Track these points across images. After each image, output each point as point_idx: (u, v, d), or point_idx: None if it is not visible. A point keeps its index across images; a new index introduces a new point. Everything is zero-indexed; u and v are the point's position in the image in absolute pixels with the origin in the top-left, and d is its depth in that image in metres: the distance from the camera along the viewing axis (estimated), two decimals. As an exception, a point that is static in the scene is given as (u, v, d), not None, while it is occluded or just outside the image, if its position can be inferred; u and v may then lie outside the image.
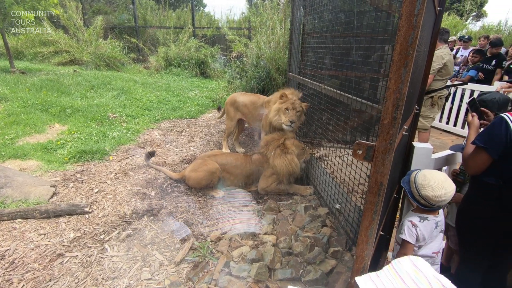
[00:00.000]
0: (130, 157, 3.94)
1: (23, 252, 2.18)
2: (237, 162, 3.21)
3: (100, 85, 6.98)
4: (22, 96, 5.39)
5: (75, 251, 2.22)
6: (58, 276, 1.99)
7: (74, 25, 10.38)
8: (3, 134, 4.14)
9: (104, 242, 2.32)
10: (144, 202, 2.88)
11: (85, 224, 2.53)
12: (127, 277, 2.00)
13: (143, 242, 2.34)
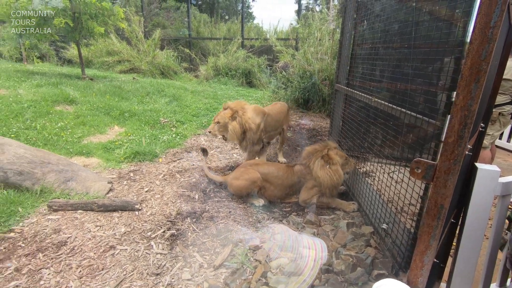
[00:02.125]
0: (178, 160, 4.16)
1: (81, 241, 2.41)
2: (279, 173, 3.20)
3: (154, 92, 7.54)
4: (90, 100, 6.03)
5: (125, 244, 2.38)
6: (109, 266, 2.15)
7: (136, 37, 11.41)
8: (72, 133, 4.66)
9: (150, 239, 2.46)
10: (188, 204, 3.01)
11: (134, 220, 2.72)
12: (169, 275, 2.09)
13: (185, 243, 2.43)
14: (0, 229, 2.46)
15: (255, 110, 3.66)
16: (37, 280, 2.01)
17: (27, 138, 4.18)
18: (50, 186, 3.06)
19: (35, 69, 8.71)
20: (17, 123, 4.53)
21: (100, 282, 2.02)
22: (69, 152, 4.07)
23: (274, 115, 3.94)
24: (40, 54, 12.02)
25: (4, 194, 2.79)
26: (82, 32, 7.29)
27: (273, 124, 3.93)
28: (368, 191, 2.76)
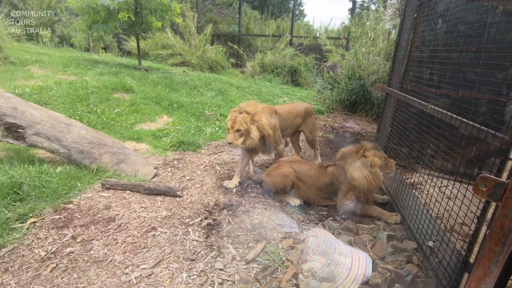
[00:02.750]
0: (219, 153, 4.29)
1: (128, 219, 2.61)
2: (311, 172, 3.12)
3: (202, 85, 7.83)
4: (144, 89, 6.47)
5: (165, 227, 2.53)
6: (150, 246, 2.30)
7: (189, 32, 11.93)
8: (126, 119, 5.05)
9: (188, 225, 2.58)
10: (225, 196, 3.09)
11: (175, 206, 2.86)
12: (203, 262, 2.17)
13: (220, 234, 2.50)
14: (62, 200, 2.76)
15: (268, 111, 3.35)
16: (88, 250, 2.22)
17: (89, 121, 4.63)
18: (104, 166, 3.36)
19: (99, 59, 9.58)
20: (81, 107, 5.03)
21: (141, 259, 2.17)
22: (123, 137, 4.42)
23: (283, 115, 3.59)
24: (104, 45, 13.18)
25: (67, 169, 3.12)
26: (142, 26, 7.82)
27: (281, 124, 3.57)
28: (414, 204, 2.57)
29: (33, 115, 3.17)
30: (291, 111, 3.74)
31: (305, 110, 3.90)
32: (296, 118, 3.79)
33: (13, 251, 2.15)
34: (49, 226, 2.43)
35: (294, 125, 3.82)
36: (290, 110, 3.72)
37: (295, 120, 3.79)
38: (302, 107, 3.90)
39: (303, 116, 3.89)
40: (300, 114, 3.84)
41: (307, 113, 3.93)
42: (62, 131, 3.26)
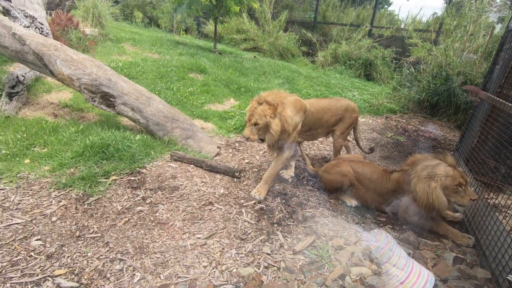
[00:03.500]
0: (279, 141, 4.31)
1: (189, 190, 2.84)
2: (373, 176, 2.89)
3: (270, 72, 7.87)
4: (216, 71, 6.80)
5: (221, 204, 2.68)
6: (206, 219, 2.48)
7: (264, 18, 11.98)
8: (197, 99, 5.40)
9: (242, 206, 2.69)
10: (280, 185, 3.12)
11: (232, 186, 3.00)
12: (252, 244, 2.25)
13: (271, 220, 2.55)
14: (137, 164, 3.13)
15: (295, 105, 2.84)
16: (154, 212, 2.49)
17: (165, 97, 5.08)
18: (174, 139, 3.67)
19: (180, 40, 10.33)
20: (161, 83, 5.54)
21: (197, 229, 2.35)
22: (192, 114, 4.75)
23: (315, 113, 3.10)
24: (185, 27, 14.13)
25: (144, 138, 3.51)
26: (221, 10, 8.13)
27: (312, 123, 3.11)
28: (496, 229, 2.22)
29: (123, 87, 3.61)
30: (328, 108, 3.22)
31: (346, 108, 3.33)
32: (332, 117, 3.28)
33: (97, 201, 2.54)
34: (126, 185, 2.79)
35: (330, 124, 3.29)
36: (326, 108, 3.20)
37: (331, 119, 3.26)
38: (342, 105, 3.34)
39: (341, 115, 3.33)
40: (338, 113, 3.30)
41: (347, 111, 3.35)
42: (143, 104, 3.65)
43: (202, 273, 1.95)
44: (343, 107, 3.32)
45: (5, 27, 3.36)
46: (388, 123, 5.85)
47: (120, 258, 1.99)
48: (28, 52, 3.33)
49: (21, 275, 1.79)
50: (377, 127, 5.52)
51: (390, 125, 5.69)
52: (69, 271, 1.86)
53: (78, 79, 3.39)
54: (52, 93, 4.35)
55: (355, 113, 3.42)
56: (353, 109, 3.41)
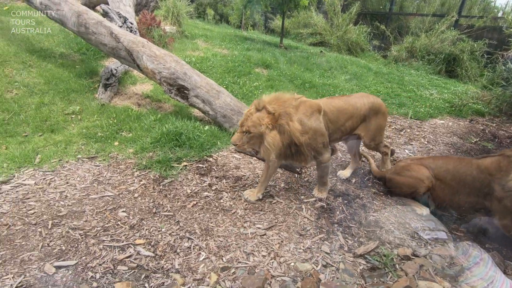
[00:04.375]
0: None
1: (251, 182, 2.94)
2: (459, 169, 2.45)
3: (337, 67, 7.57)
4: (281, 66, 6.82)
5: (281, 198, 2.72)
6: (266, 210, 2.55)
7: (333, 10, 11.52)
8: (262, 93, 5.50)
9: (302, 202, 2.68)
10: (343, 184, 3.01)
11: (293, 181, 3.02)
12: (310, 240, 2.24)
13: (332, 219, 2.49)
14: (205, 153, 3.36)
15: (305, 110, 2.41)
16: (219, 198, 2.66)
17: (232, 91, 5.30)
18: (239, 132, 3.83)
19: (247, 35, 10.61)
20: (228, 77, 5.80)
21: (257, 219, 2.43)
22: (257, 108, 4.86)
23: (330, 114, 2.57)
24: (253, 23, 14.45)
25: (212, 129, 3.74)
26: (289, 4, 8.08)
27: (328, 125, 2.59)
28: None
29: (196, 80, 3.89)
30: (344, 108, 2.66)
31: (370, 107, 2.77)
32: (352, 119, 2.72)
33: (170, 183, 2.81)
34: (195, 171, 3.03)
35: (347, 128, 2.73)
36: (342, 108, 2.66)
37: (349, 122, 2.71)
38: (365, 103, 2.75)
39: (364, 115, 2.77)
40: (359, 114, 2.73)
41: (372, 111, 2.79)
42: (213, 96, 3.88)
43: (261, 261, 2.02)
44: (366, 106, 2.75)
45: (105, 27, 3.91)
46: (473, 126, 5.14)
47: (189, 237, 2.19)
48: (121, 48, 3.83)
49: (110, 239, 2.10)
50: (458, 130, 4.90)
51: (475, 129, 4.99)
52: (147, 242, 2.11)
53: (159, 73, 3.77)
54: (136, 85, 4.92)
55: (380, 113, 2.85)
56: (379, 107, 2.84)
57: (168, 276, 1.86)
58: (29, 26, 5.41)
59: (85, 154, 3.14)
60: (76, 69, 4.76)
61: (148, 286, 1.78)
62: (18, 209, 2.31)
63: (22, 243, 2.01)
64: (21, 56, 4.61)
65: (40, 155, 3.01)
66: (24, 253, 1.93)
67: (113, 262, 1.92)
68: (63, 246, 2.01)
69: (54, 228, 2.16)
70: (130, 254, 1.99)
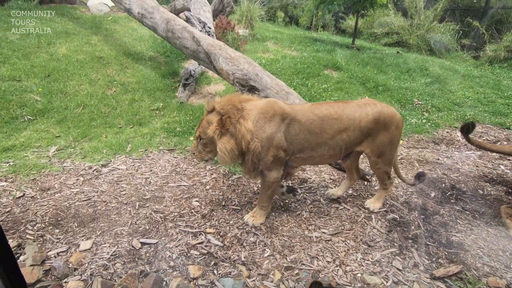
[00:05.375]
0: (420, 148, 3.78)
1: (317, 185, 2.90)
2: None
3: (416, 69, 6.92)
4: (352, 68, 6.53)
5: (348, 205, 2.62)
6: (332, 216, 2.48)
7: (415, 7, 10.54)
8: (330, 95, 5.36)
9: (371, 211, 2.53)
10: (419, 198, 2.75)
11: (362, 189, 2.87)
12: (380, 253, 2.10)
13: (405, 234, 2.30)
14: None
15: (264, 113, 2.03)
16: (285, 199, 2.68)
17: (299, 92, 5.28)
18: (306, 134, 3.80)
19: (317, 36, 10.43)
20: (296, 79, 5.79)
21: (322, 223, 2.38)
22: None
23: (306, 122, 2.09)
24: (323, 24, 14.14)
25: (279, 129, 3.79)
26: (365, 3, 7.68)
27: (303, 139, 2.12)
28: None
29: (266, 81, 3.99)
30: (334, 118, 2.12)
31: (376, 118, 2.17)
32: (346, 132, 2.16)
33: (238, 179, 2.95)
34: (261, 170, 3.11)
35: (341, 142, 2.18)
36: (330, 116, 2.12)
37: (342, 135, 2.16)
38: (368, 113, 2.17)
39: (367, 128, 2.19)
40: (358, 126, 2.17)
41: (380, 123, 2.20)
42: (282, 98, 3.92)
43: (325, 267, 1.98)
44: (370, 116, 2.16)
45: (189, 32, 4.29)
46: None
47: (254, 232, 2.26)
48: (201, 51, 4.16)
49: (185, 225, 2.31)
50: None
51: None
52: (216, 232, 2.26)
53: (233, 74, 3.98)
54: (211, 85, 5.28)
55: (391, 127, 2.22)
56: (390, 119, 2.21)
57: (235, 267, 1.95)
58: (127, 33, 6.27)
59: (166, 146, 3.50)
60: (161, 70, 5.33)
61: (217, 273, 1.91)
62: (113, 189, 2.70)
63: (116, 218, 2.35)
64: (119, 58, 5.36)
65: (130, 145, 3.46)
66: (117, 227, 2.25)
67: (187, 246, 2.10)
68: (147, 225, 2.28)
69: (140, 209, 2.47)
70: (202, 241, 2.16)
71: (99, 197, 2.58)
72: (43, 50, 5.09)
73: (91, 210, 2.40)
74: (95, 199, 2.54)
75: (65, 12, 6.80)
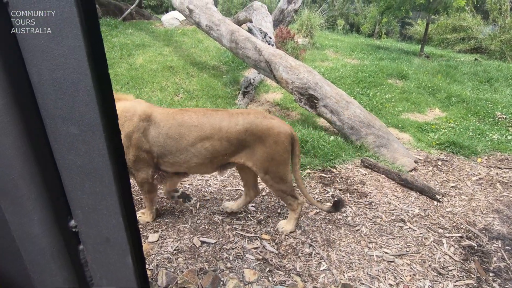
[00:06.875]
0: (505, 169, 3.31)
1: (378, 200, 2.72)
2: None
3: (499, 78, 6.11)
4: (420, 77, 6.05)
5: (415, 225, 2.40)
6: (395, 235, 2.30)
7: (499, 9, 9.37)
8: (394, 106, 5.03)
9: (442, 236, 2.29)
10: (503, 226, 2.39)
11: (431, 209, 2.61)
12: (453, 283, 1.88)
13: (485, 265, 2.02)
14: (329, 163, 3.33)
15: (124, 111, 2.01)
16: (342, 212, 2.57)
17: (360, 102, 5.06)
18: (366, 146, 3.62)
19: (380, 44, 9.92)
20: (357, 88, 5.58)
21: (385, 243, 2.23)
22: (387, 122, 4.48)
23: (164, 127, 2.02)
24: (387, 31, 13.41)
25: (337, 140, 3.67)
26: (437, 7, 7.09)
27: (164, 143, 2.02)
28: None
29: (326, 90, 3.92)
30: (194, 125, 2.04)
31: (246, 129, 2.01)
32: (211, 141, 2.03)
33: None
34: (318, 180, 3.05)
35: (206, 151, 2.06)
36: (190, 123, 2.04)
37: (205, 144, 2.04)
38: (238, 123, 2.02)
39: (238, 139, 2.04)
40: (224, 136, 2.02)
41: (253, 135, 2.03)
42: (342, 107, 3.81)
43: (387, 290, 1.84)
44: (239, 127, 2.02)
45: (251, 42, 4.47)
46: None
47: (310, 243, 2.22)
48: (262, 60, 4.28)
49: (241, 229, 2.37)
50: None
51: None
52: (271, 239, 2.27)
53: (292, 82, 4.00)
54: (269, 93, 5.39)
55: (270, 140, 2.04)
56: (265, 132, 2.03)
57: (289, 276, 1.94)
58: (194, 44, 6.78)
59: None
60: (223, 78, 5.62)
61: (271, 280, 1.91)
62: (177, 188, 2.91)
63: (179, 216, 2.52)
64: (186, 68, 5.81)
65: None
66: (180, 224, 2.41)
67: (243, 250, 2.15)
68: (206, 225, 2.40)
69: (201, 209, 2.61)
70: (257, 246, 2.19)
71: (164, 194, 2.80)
72: (124, 60, 5.78)
73: (158, 206, 2.63)
74: (162, 196, 2.77)
75: (143, 27, 7.65)
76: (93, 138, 0.42)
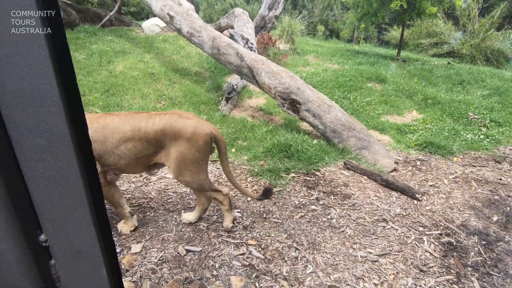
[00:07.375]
0: (478, 167, 3.46)
1: (361, 202, 2.78)
2: None
3: (470, 81, 6.42)
4: (397, 81, 6.26)
5: (397, 224, 2.46)
6: (378, 235, 2.35)
7: (468, 15, 9.89)
8: (374, 109, 5.17)
9: (423, 233, 2.36)
10: (480, 221, 2.50)
11: (411, 208, 2.69)
12: (434, 279, 1.94)
13: (464, 261, 2.09)
14: (313, 166, 3.37)
15: None
16: (327, 214, 2.61)
17: (341, 106, 5.17)
18: (348, 148, 3.69)
19: (359, 49, 10.21)
20: (338, 92, 5.70)
21: (368, 243, 2.27)
22: (368, 125, 4.60)
23: (94, 131, 2.04)
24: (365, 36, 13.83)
25: (320, 143, 3.73)
26: (411, 13, 7.39)
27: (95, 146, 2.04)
28: None
29: (308, 94, 3.99)
30: (115, 127, 2.08)
31: (161, 129, 2.10)
32: (132, 142, 2.09)
33: (279, 192, 2.94)
34: (302, 184, 3.07)
35: (129, 153, 2.12)
36: (112, 126, 2.08)
37: (128, 145, 2.10)
38: (155, 123, 2.10)
39: (156, 140, 2.12)
40: (144, 136, 2.09)
41: (168, 135, 2.11)
42: (324, 111, 3.88)
43: (372, 290, 1.87)
44: (156, 127, 2.09)
45: (233, 48, 4.49)
46: None
47: (296, 247, 2.23)
48: (244, 66, 4.30)
49: (227, 235, 2.35)
50: None
51: None
52: (257, 244, 2.26)
53: (275, 88, 4.04)
54: (252, 99, 5.41)
55: (183, 139, 2.11)
56: (178, 132, 2.10)
57: (276, 281, 1.93)
58: (175, 51, 6.73)
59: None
60: (206, 84, 5.60)
61: (258, 286, 1.90)
62: (161, 197, 2.85)
63: (163, 225, 2.47)
64: (168, 74, 5.76)
65: (177, 155, 3.64)
66: (164, 233, 2.36)
67: (229, 256, 2.13)
68: (191, 233, 2.37)
69: (185, 217, 2.57)
70: (243, 252, 2.17)
71: (148, 203, 2.74)
72: (104, 67, 5.66)
73: (141, 216, 2.56)
74: (144, 205, 2.71)
75: (123, 34, 7.52)
76: (62, 149, 0.40)
